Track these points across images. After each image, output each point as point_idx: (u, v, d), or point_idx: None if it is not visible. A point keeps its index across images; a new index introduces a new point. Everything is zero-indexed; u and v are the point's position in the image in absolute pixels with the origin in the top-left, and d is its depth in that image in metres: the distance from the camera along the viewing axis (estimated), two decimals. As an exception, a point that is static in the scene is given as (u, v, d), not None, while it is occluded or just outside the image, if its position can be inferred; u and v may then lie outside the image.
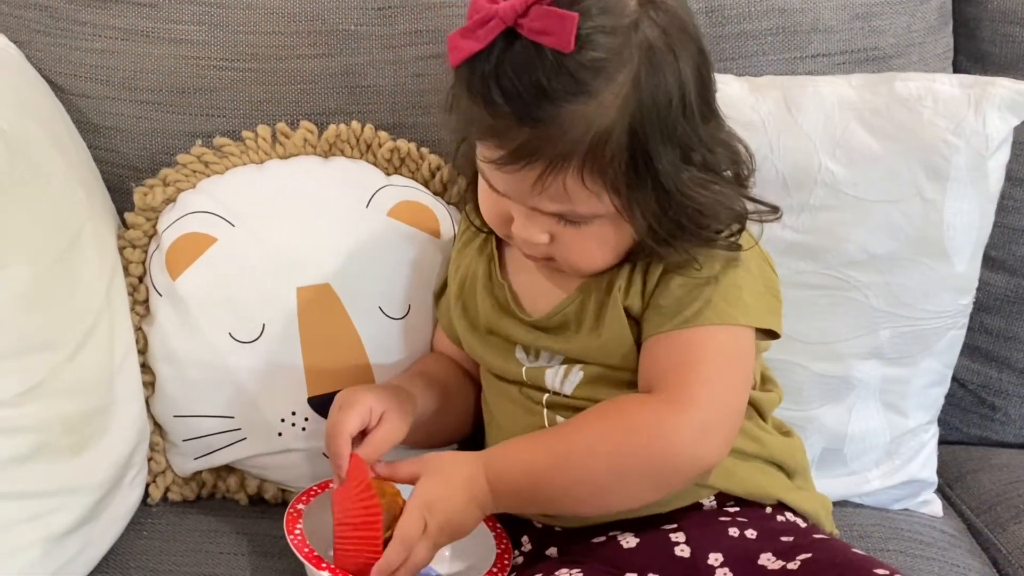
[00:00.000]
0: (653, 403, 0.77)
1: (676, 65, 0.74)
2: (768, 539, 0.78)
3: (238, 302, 0.95)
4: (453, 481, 0.77)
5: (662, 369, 0.78)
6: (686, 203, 0.76)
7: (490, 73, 0.72)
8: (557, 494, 0.78)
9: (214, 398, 0.96)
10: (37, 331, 0.83)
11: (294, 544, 0.80)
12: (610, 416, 0.78)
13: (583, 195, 0.75)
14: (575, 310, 0.83)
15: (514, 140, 0.73)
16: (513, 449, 0.80)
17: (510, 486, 0.77)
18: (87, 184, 0.99)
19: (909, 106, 0.93)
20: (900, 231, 0.94)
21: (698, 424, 0.76)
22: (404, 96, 1.05)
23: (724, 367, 0.78)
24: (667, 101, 0.74)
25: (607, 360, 0.82)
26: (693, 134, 0.76)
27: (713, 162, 0.78)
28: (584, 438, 0.77)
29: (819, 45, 1.04)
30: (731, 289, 0.79)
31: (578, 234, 0.78)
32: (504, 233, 0.83)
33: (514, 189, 0.77)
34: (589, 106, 0.72)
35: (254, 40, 1.05)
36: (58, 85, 1.06)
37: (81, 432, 0.86)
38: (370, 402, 0.83)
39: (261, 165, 1.03)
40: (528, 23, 0.71)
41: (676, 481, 0.77)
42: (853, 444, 1.00)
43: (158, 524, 0.95)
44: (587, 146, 0.73)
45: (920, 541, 0.98)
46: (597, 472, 0.76)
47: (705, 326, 0.78)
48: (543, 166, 0.73)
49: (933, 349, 0.99)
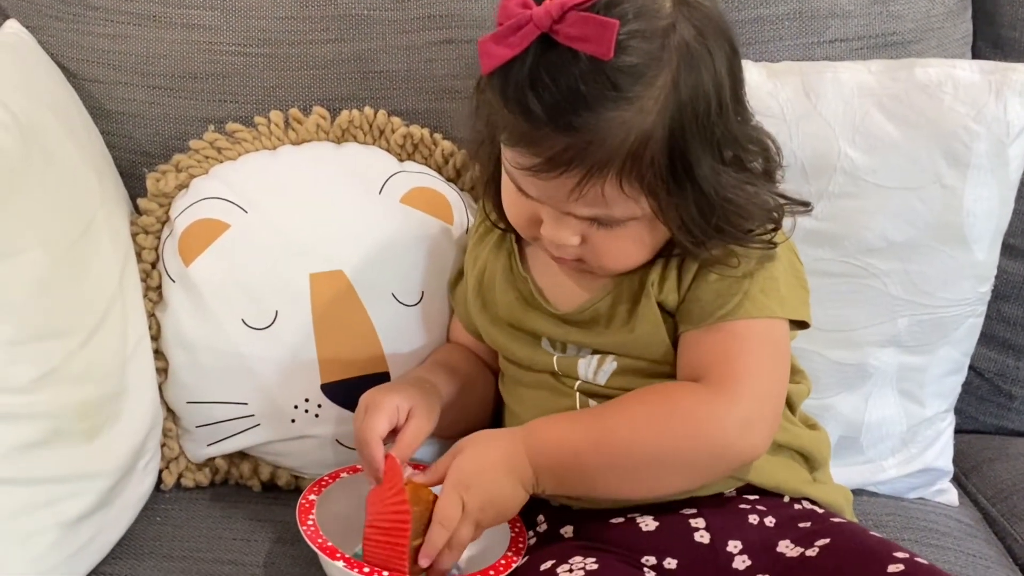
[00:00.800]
0: (701, 392, 0.77)
1: (712, 64, 0.73)
2: (786, 527, 0.78)
3: (251, 289, 0.94)
4: (488, 455, 0.76)
5: (705, 362, 0.78)
6: (723, 204, 0.75)
7: (525, 81, 0.71)
8: (595, 474, 0.77)
9: (227, 384, 0.95)
10: (51, 317, 0.83)
11: (307, 535, 0.80)
12: (655, 400, 0.78)
13: (620, 200, 0.74)
14: (607, 305, 0.82)
15: (551, 148, 0.72)
16: (553, 424, 0.79)
17: (550, 460, 0.76)
18: (100, 170, 0.99)
19: (929, 92, 0.92)
20: (919, 218, 0.93)
21: (745, 416, 0.76)
22: (417, 81, 1.04)
23: (767, 360, 0.78)
24: (705, 101, 0.73)
25: (639, 353, 0.82)
26: (728, 133, 0.75)
27: (746, 159, 0.77)
28: (628, 419, 0.77)
29: (837, 30, 1.03)
30: (768, 281, 0.79)
31: (610, 235, 0.77)
32: (531, 235, 0.82)
33: (548, 194, 0.76)
34: (628, 112, 0.71)
35: (266, 25, 1.05)
36: (70, 70, 1.06)
37: (95, 418, 0.85)
38: (396, 401, 0.82)
39: (274, 151, 1.02)
40: (565, 29, 0.70)
41: (717, 471, 0.78)
42: (869, 432, 1.00)
43: (171, 510, 0.95)
44: (626, 152, 0.72)
45: (936, 531, 0.97)
46: (639, 454, 0.76)
47: (745, 319, 0.78)
48: (581, 174, 0.72)
49: (951, 337, 0.98)
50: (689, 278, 0.79)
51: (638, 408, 0.77)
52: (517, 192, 0.79)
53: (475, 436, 0.79)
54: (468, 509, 0.75)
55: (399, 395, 0.83)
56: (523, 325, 0.86)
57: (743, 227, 0.77)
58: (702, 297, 0.79)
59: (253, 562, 0.89)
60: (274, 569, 0.88)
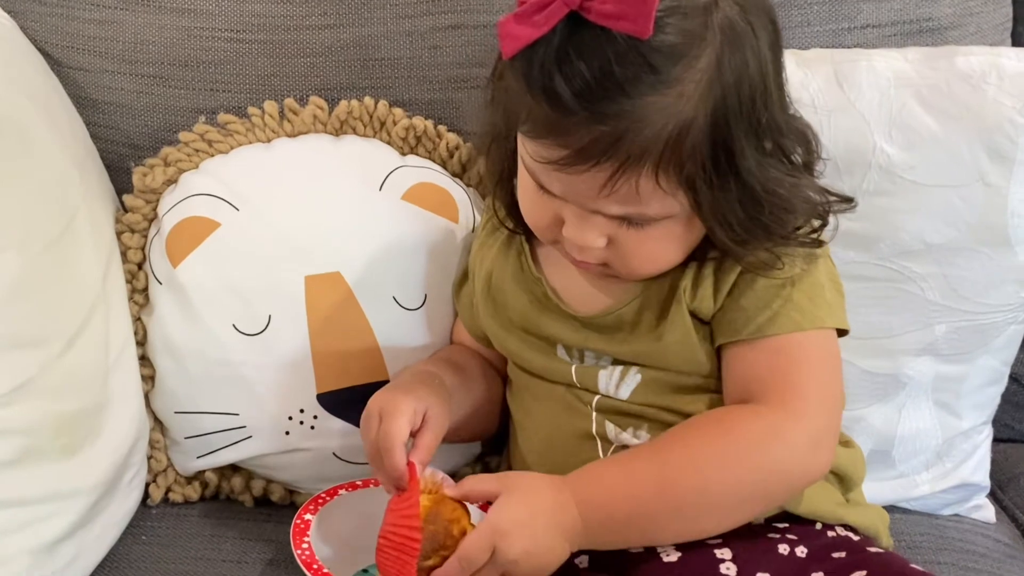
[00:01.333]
0: (764, 415, 0.71)
1: (756, 44, 0.68)
2: (819, 557, 0.73)
3: (243, 291, 0.89)
4: (537, 504, 0.69)
5: (760, 380, 0.73)
6: (768, 198, 0.70)
7: (553, 64, 0.65)
8: (659, 522, 0.71)
9: (217, 394, 0.90)
10: (26, 325, 0.78)
11: (302, 560, 0.75)
12: (716, 431, 0.72)
13: (656, 196, 0.68)
14: (633, 310, 0.77)
15: (581, 139, 0.66)
16: (607, 473, 0.72)
17: (606, 512, 0.70)
18: (83, 164, 0.94)
19: (972, 83, 0.86)
20: (960, 218, 0.88)
21: (812, 434, 0.72)
22: (420, 70, 0.99)
23: (825, 373, 0.74)
24: (750, 85, 0.67)
25: (666, 364, 0.77)
26: (772, 120, 0.70)
27: (788, 149, 0.72)
28: (692, 458, 0.71)
29: (869, 15, 0.97)
30: (814, 288, 0.74)
31: (640, 236, 0.71)
32: (550, 238, 0.76)
33: (575, 191, 0.70)
34: (668, 96, 0.65)
35: (261, 10, 1.00)
36: (54, 58, 1.01)
37: (74, 433, 0.80)
38: (413, 404, 0.77)
39: (268, 144, 0.97)
40: (598, 6, 0.63)
41: (788, 495, 0.73)
42: (903, 446, 0.95)
43: (158, 528, 0.91)
44: (665, 142, 0.66)
45: (973, 552, 0.92)
46: (708, 495, 0.70)
47: (796, 332, 0.73)
48: (614, 167, 0.66)
49: (991, 345, 0.92)
50: (727, 285, 0.74)
51: (701, 443, 0.71)
52: (537, 190, 0.73)
53: (524, 478, 0.72)
54: (499, 558, 0.68)
55: (413, 397, 0.77)
56: (537, 330, 0.81)
57: (789, 223, 0.72)
58: (746, 307, 0.73)
59: (244, 586, 0.84)
60: (266, 595, 0.83)
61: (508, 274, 0.83)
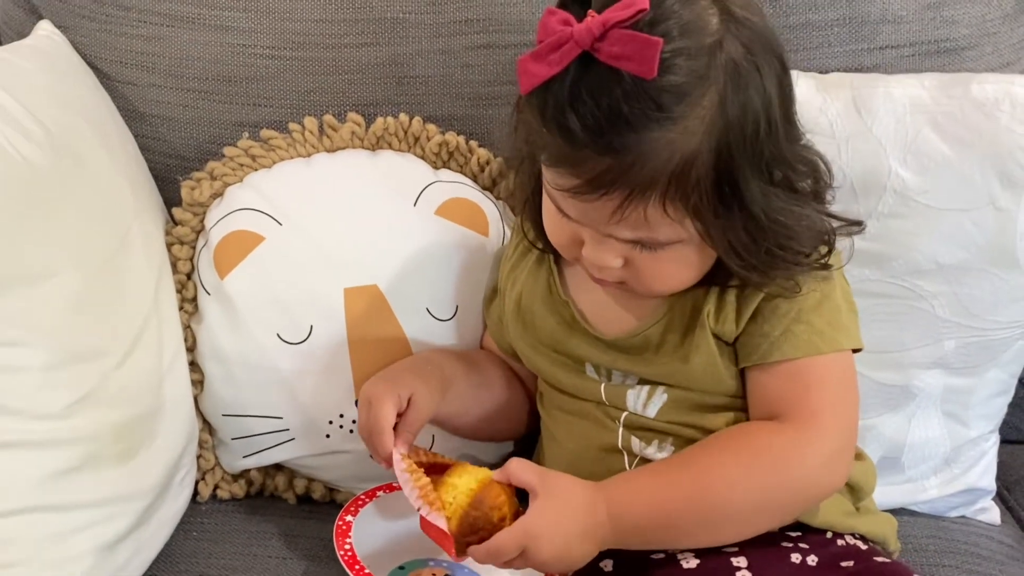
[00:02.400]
0: (786, 432, 0.76)
1: (761, 83, 0.71)
2: (829, 566, 0.77)
3: (286, 303, 0.94)
4: (571, 512, 0.74)
5: (781, 401, 0.77)
6: (772, 227, 0.73)
7: (565, 100, 0.68)
8: (685, 530, 0.76)
9: (262, 398, 0.95)
10: (86, 339, 0.83)
11: (344, 560, 0.80)
12: (742, 446, 0.76)
13: (664, 223, 0.72)
14: (658, 332, 0.81)
15: (592, 169, 0.70)
16: (638, 483, 0.77)
17: (633, 522, 0.75)
18: (133, 179, 0.98)
19: (986, 111, 0.89)
20: (971, 241, 0.91)
21: (829, 452, 0.76)
22: (453, 87, 1.03)
23: (842, 393, 0.78)
24: (754, 121, 0.70)
25: (692, 384, 0.81)
26: (777, 153, 0.73)
27: (795, 180, 0.75)
28: (721, 472, 0.75)
29: (888, 36, 1.00)
30: (832, 313, 0.78)
31: (654, 258, 0.75)
32: (572, 256, 0.80)
33: (589, 217, 0.74)
34: (673, 132, 0.69)
35: (300, 28, 1.03)
36: (103, 72, 1.05)
37: (130, 439, 0.85)
38: (397, 391, 0.83)
39: (308, 159, 1.01)
40: (606, 48, 0.67)
41: (803, 508, 0.78)
42: (912, 453, 0.98)
43: (207, 524, 0.95)
44: (670, 174, 0.69)
45: (977, 555, 0.95)
46: (733, 506, 0.75)
47: (817, 356, 0.77)
48: (623, 196, 0.70)
49: (999, 360, 0.96)
50: (749, 310, 0.78)
51: (728, 458, 0.76)
52: (558, 212, 0.77)
53: (563, 483, 0.75)
54: (528, 557, 0.73)
55: (398, 384, 0.83)
56: (566, 350, 0.85)
57: (793, 249, 0.75)
58: (768, 332, 0.77)
59: (289, 582, 0.89)
60: (310, 590, 0.88)
61: (537, 296, 0.87)
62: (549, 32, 0.70)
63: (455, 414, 0.90)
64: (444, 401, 0.87)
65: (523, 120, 0.75)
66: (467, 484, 0.77)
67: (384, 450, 0.81)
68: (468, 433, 0.95)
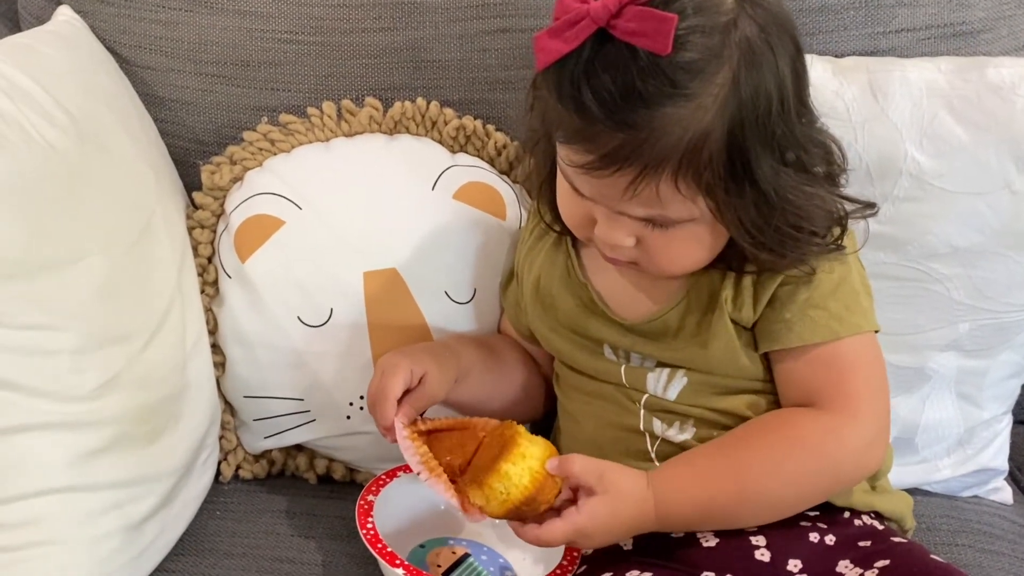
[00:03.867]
0: (823, 419, 0.77)
1: (775, 63, 0.71)
2: (846, 546, 0.78)
3: (306, 286, 0.95)
4: (623, 511, 0.75)
5: (813, 388, 0.78)
6: (784, 206, 0.74)
7: (581, 76, 0.69)
8: (731, 513, 0.78)
9: (283, 380, 0.96)
10: (114, 323, 0.84)
11: (367, 539, 0.81)
12: (785, 437, 0.78)
13: (676, 200, 0.73)
14: (676, 317, 0.82)
15: (606, 145, 0.71)
16: (685, 476, 0.78)
17: (683, 509, 0.77)
18: (156, 165, 0.99)
19: (1002, 95, 0.89)
20: (986, 224, 0.91)
21: (868, 436, 0.78)
22: (470, 71, 1.03)
23: (872, 376, 0.79)
24: (767, 101, 0.71)
25: (711, 368, 0.82)
26: (790, 134, 0.73)
27: (808, 162, 0.76)
28: (762, 458, 0.77)
29: (904, 19, 1.00)
30: (851, 296, 0.79)
31: (666, 237, 0.76)
32: (585, 236, 0.81)
33: (602, 193, 0.75)
34: (686, 109, 0.69)
35: (318, 12, 1.04)
36: (122, 56, 1.06)
37: (155, 420, 0.87)
38: (410, 366, 0.84)
39: (327, 143, 1.02)
40: (622, 24, 0.68)
41: (840, 490, 0.80)
42: (926, 434, 0.99)
43: (230, 503, 0.97)
44: (683, 150, 0.70)
45: (990, 534, 0.97)
46: (776, 492, 0.77)
47: (842, 339, 0.78)
48: (636, 172, 0.71)
49: (1013, 342, 0.96)
50: (767, 295, 0.79)
51: (768, 449, 0.77)
52: (571, 191, 0.78)
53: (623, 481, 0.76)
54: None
55: (412, 360, 0.85)
56: (585, 332, 0.86)
57: (805, 229, 0.76)
58: (786, 318, 0.78)
59: (312, 560, 0.90)
60: (332, 568, 0.90)
61: (556, 278, 0.88)
62: (566, 9, 0.70)
63: (475, 402, 0.91)
64: (461, 389, 0.88)
65: (539, 97, 0.76)
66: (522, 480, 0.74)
67: (386, 418, 0.82)
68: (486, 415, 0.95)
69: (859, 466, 0.78)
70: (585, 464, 0.76)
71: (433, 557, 0.87)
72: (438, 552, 0.88)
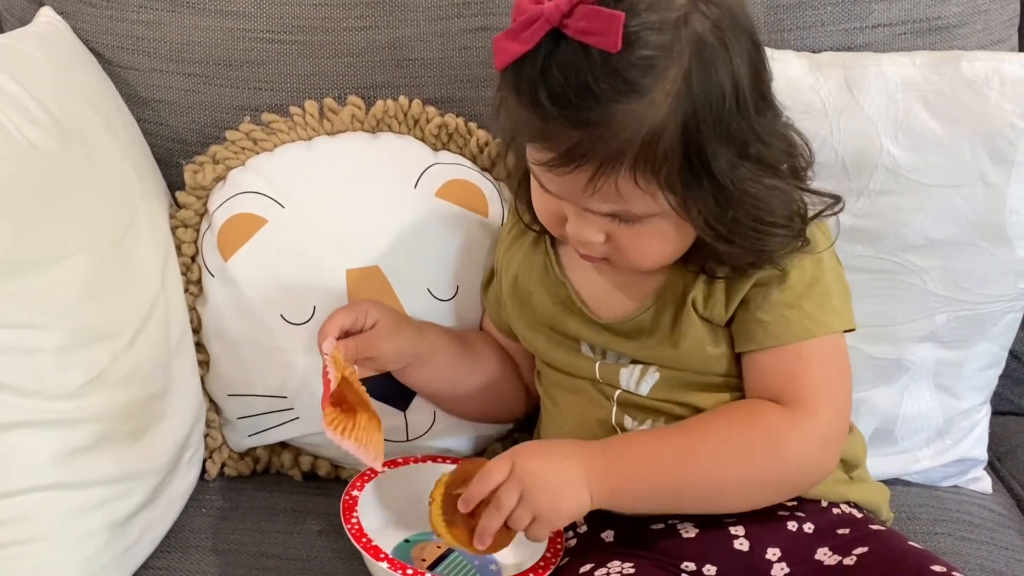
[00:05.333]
0: (784, 413, 0.78)
1: (729, 60, 0.72)
2: (825, 534, 0.79)
3: (289, 284, 0.95)
4: (559, 443, 0.76)
5: (776, 385, 0.79)
6: (743, 199, 0.75)
7: (537, 75, 0.71)
8: (680, 493, 0.78)
9: (267, 378, 0.97)
10: (98, 320, 0.84)
11: (352, 534, 0.82)
12: (741, 420, 0.79)
13: (636, 195, 0.74)
14: (649, 318, 0.83)
15: (564, 143, 0.72)
16: (637, 442, 0.80)
17: (632, 478, 0.77)
18: (138, 164, 0.99)
19: (975, 88, 0.90)
20: (961, 216, 0.92)
21: (824, 436, 0.78)
22: (452, 69, 1.04)
23: (835, 376, 0.80)
24: (720, 97, 0.72)
25: (682, 365, 0.83)
26: (748, 129, 0.74)
27: (769, 156, 0.76)
28: (714, 437, 0.78)
29: (881, 15, 1.01)
30: (823, 296, 0.80)
31: (634, 232, 0.77)
32: (558, 233, 0.82)
33: (566, 190, 0.76)
34: (639, 105, 0.71)
35: (300, 12, 1.04)
36: (105, 57, 1.06)
37: (141, 418, 0.87)
38: (367, 307, 0.88)
39: (309, 142, 1.02)
40: (573, 23, 0.69)
41: (792, 490, 0.80)
42: (905, 425, 1.00)
43: (216, 500, 0.98)
44: (638, 146, 0.71)
45: (969, 523, 0.98)
46: (721, 472, 0.77)
47: (810, 340, 0.79)
48: (594, 168, 0.72)
49: (989, 333, 0.97)
50: (738, 296, 0.80)
51: (726, 426, 0.79)
52: (541, 189, 0.79)
53: (541, 441, 0.78)
54: (516, 473, 0.75)
55: (375, 307, 0.88)
56: (563, 329, 0.87)
57: (765, 221, 0.77)
58: (761, 318, 0.79)
59: (297, 556, 0.91)
60: (318, 564, 0.90)
61: (534, 276, 0.88)
62: (522, 11, 0.72)
63: (435, 388, 0.93)
64: (423, 372, 0.90)
65: (504, 98, 0.77)
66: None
67: (321, 335, 0.85)
68: (459, 410, 0.96)
69: (814, 464, 0.79)
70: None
71: (418, 551, 0.88)
72: (423, 546, 0.89)
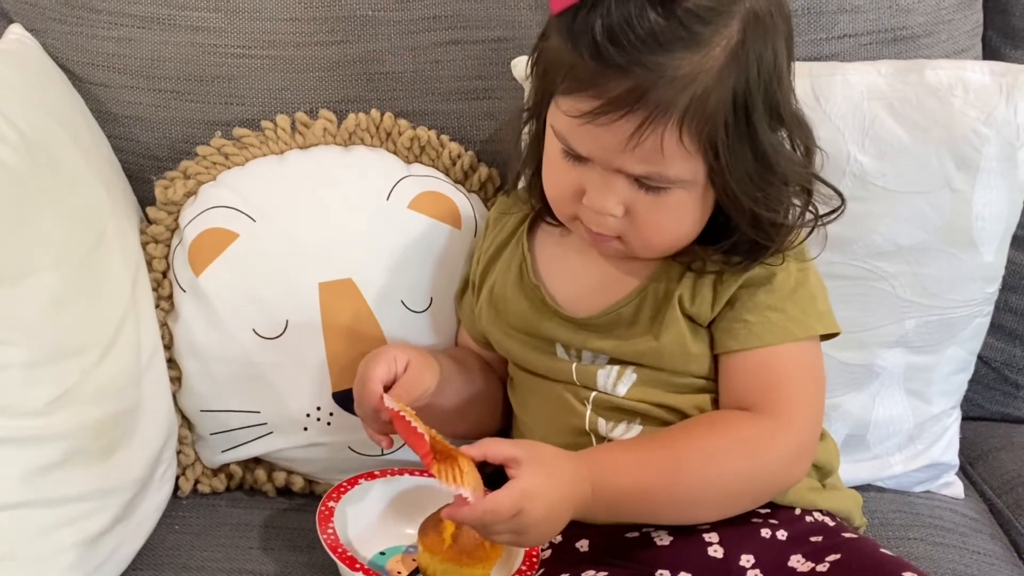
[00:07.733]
0: (759, 423, 0.79)
1: (776, 36, 0.74)
2: (798, 541, 0.80)
3: (261, 298, 0.95)
4: (557, 475, 0.74)
5: (755, 389, 0.80)
6: (775, 171, 0.76)
7: (595, 17, 0.71)
8: (659, 507, 0.78)
9: (240, 393, 0.96)
10: (67, 336, 0.84)
11: (327, 544, 0.82)
12: (721, 435, 0.79)
13: (678, 155, 0.73)
14: (631, 311, 0.83)
15: (614, 88, 0.71)
16: (621, 456, 0.79)
17: (614, 493, 0.76)
18: (108, 180, 0.99)
19: (940, 96, 0.91)
20: (928, 222, 0.93)
21: (799, 444, 0.79)
22: (423, 83, 1.04)
23: (811, 384, 0.81)
24: (771, 66, 0.74)
25: (661, 364, 0.83)
26: (785, 104, 0.76)
27: (799, 133, 0.78)
28: (698, 454, 0.78)
29: (846, 25, 1.02)
30: (807, 300, 0.81)
31: (655, 204, 0.76)
32: (570, 212, 0.81)
33: (602, 147, 0.75)
34: (697, 55, 0.71)
35: (271, 27, 1.04)
36: (75, 74, 1.06)
37: (111, 434, 0.86)
38: (394, 352, 0.85)
39: (281, 156, 1.02)
40: None
41: (766, 498, 0.81)
42: (876, 430, 1.01)
43: (189, 517, 0.97)
44: (690, 99, 0.71)
45: (941, 527, 0.98)
46: (706, 488, 0.78)
47: (791, 343, 0.79)
48: (642, 117, 0.71)
49: (958, 337, 0.98)
50: (726, 295, 0.80)
51: (704, 442, 0.78)
52: (563, 158, 0.78)
53: (546, 449, 0.76)
54: (522, 519, 0.72)
55: (398, 349, 0.85)
56: (538, 332, 0.87)
57: (785, 199, 0.78)
58: (747, 319, 0.80)
59: (271, 572, 0.90)
60: (291, 579, 0.90)
61: (509, 282, 0.88)
62: None
63: (453, 412, 0.90)
64: (441, 399, 0.87)
65: (545, 50, 0.77)
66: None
67: (371, 398, 0.81)
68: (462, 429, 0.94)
69: (784, 473, 0.79)
70: (498, 440, 0.76)
71: (394, 564, 0.87)
72: (399, 559, 0.88)
